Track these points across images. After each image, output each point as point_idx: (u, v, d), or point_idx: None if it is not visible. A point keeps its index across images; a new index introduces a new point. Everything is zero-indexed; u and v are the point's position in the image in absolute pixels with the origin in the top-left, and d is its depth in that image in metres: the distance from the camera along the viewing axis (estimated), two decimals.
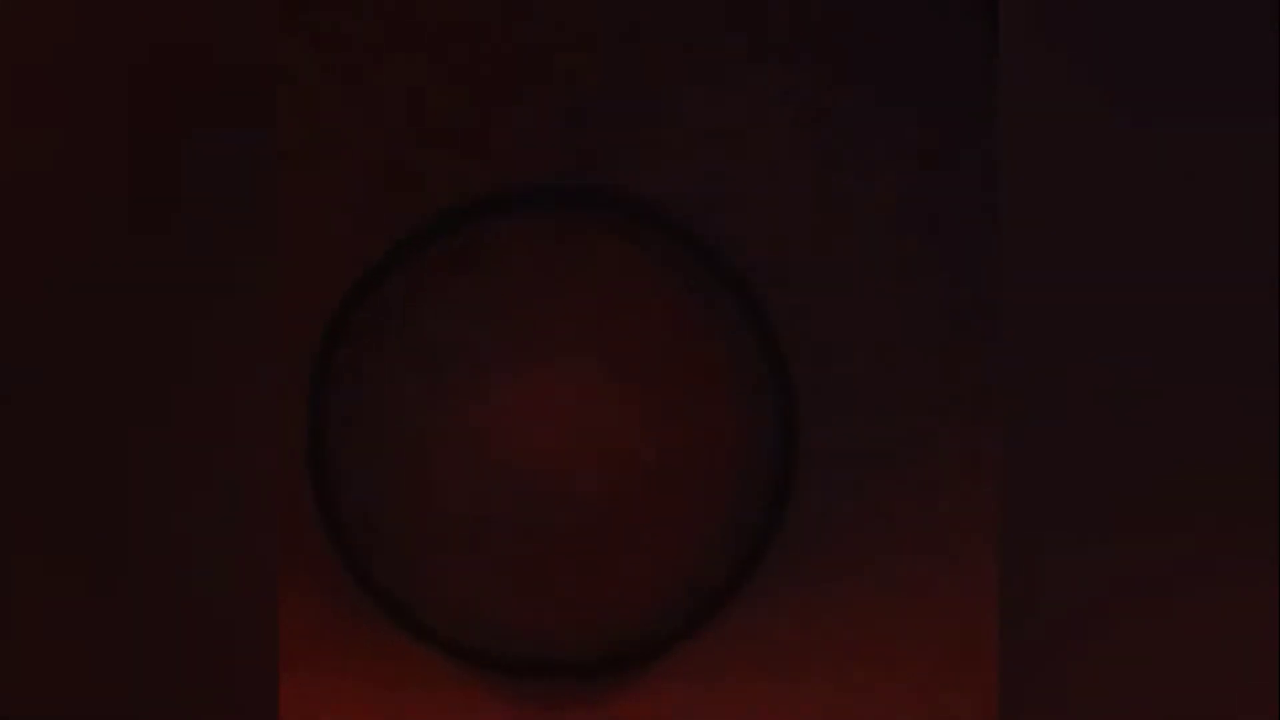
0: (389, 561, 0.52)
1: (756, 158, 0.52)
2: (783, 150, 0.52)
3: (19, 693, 0.42)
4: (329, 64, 0.52)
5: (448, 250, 0.53)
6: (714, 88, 0.52)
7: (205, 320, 0.42)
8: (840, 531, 0.52)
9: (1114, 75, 0.41)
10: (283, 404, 0.52)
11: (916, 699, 0.52)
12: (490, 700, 0.52)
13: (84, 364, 0.42)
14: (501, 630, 0.53)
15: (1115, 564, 0.41)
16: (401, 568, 0.53)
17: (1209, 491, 0.41)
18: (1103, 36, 0.41)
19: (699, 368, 0.53)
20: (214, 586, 0.42)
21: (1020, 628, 0.41)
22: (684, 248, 0.52)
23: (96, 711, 0.42)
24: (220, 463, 0.42)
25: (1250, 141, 0.41)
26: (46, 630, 0.42)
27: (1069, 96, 0.41)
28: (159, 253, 0.42)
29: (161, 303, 0.42)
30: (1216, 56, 0.41)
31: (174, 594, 0.42)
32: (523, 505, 0.52)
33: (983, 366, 0.52)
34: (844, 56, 0.52)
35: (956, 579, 0.52)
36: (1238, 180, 0.41)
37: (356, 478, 0.53)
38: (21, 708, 0.42)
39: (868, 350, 0.52)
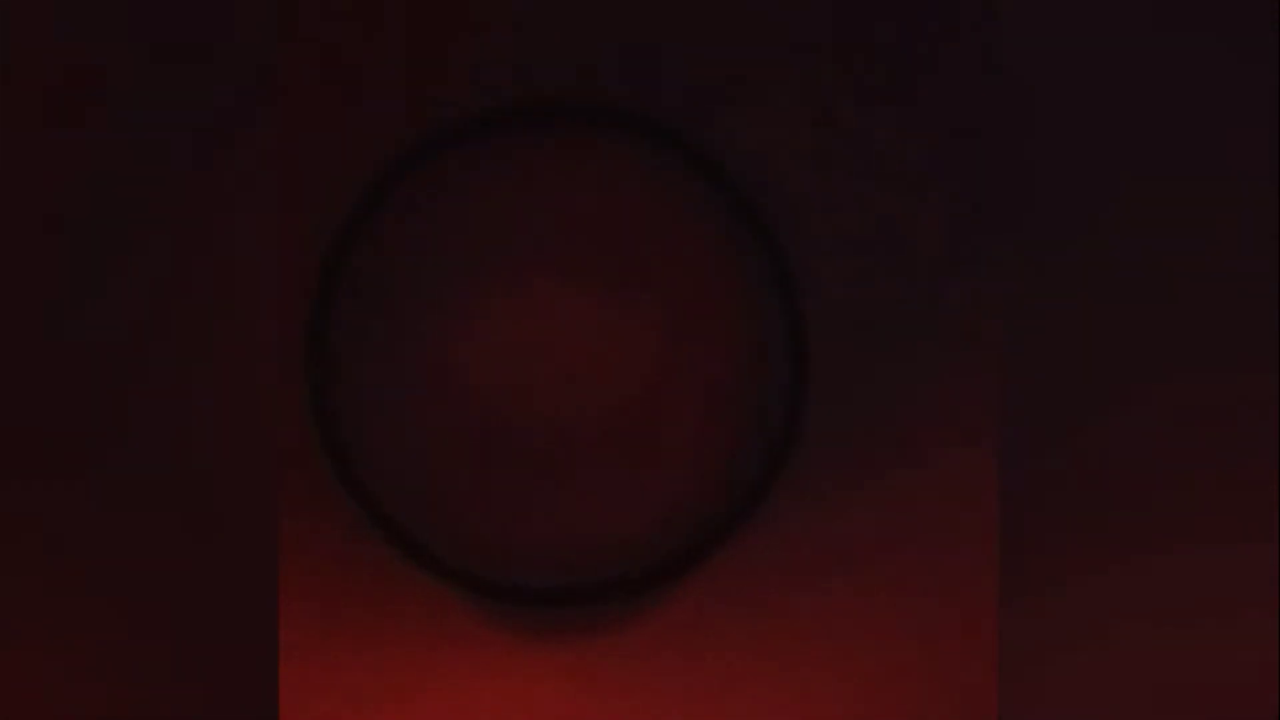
0: (395, 490, 0.52)
1: (764, 76, 0.52)
2: (791, 76, 0.52)
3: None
4: None
5: (449, 169, 0.52)
6: (731, 17, 0.51)
7: (202, 256, 0.42)
8: (851, 450, 0.52)
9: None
10: (285, 331, 0.52)
11: (927, 592, 0.52)
12: (504, 629, 0.52)
13: (83, 284, 0.42)
14: (512, 558, 0.52)
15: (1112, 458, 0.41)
16: (407, 496, 0.52)
17: (1209, 490, 0.41)
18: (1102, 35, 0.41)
19: (708, 286, 0.52)
20: (215, 510, 0.42)
21: (1020, 522, 0.41)
22: (694, 171, 0.52)
23: (96, 651, 0.42)
24: (222, 389, 0.42)
25: (1250, 142, 0.41)
26: (47, 541, 0.42)
27: None
28: (158, 179, 0.42)
29: (160, 235, 0.42)
30: (1216, 71, 0.40)
31: (177, 517, 0.42)
32: (531, 429, 0.52)
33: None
34: None
35: (961, 483, 0.52)
36: (1236, 180, 0.41)
37: (361, 405, 0.52)
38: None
39: (872, 264, 0.52)
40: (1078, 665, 0.41)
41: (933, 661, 0.51)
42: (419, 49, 0.51)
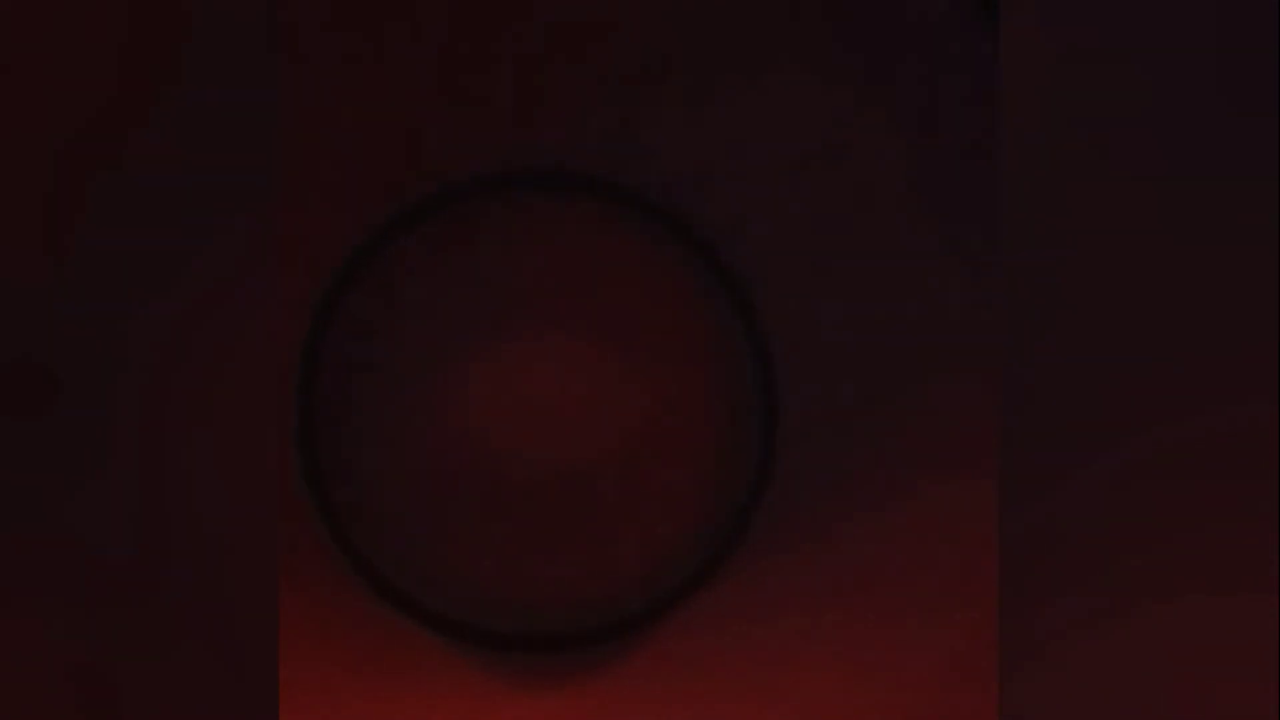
0: (382, 542, 0.52)
1: (734, 146, 0.52)
2: (771, 142, 0.52)
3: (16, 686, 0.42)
4: (328, 47, 0.52)
5: (435, 231, 0.53)
6: (698, 81, 0.52)
7: (200, 304, 0.42)
8: (824, 492, 0.52)
9: (1114, 81, 0.41)
10: (275, 387, 0.52)
11: (918, 626, 0.52)
12: (488, 676, 0.52)
13: (73, 351, 0.42)
14: (496, 605, 0.53)
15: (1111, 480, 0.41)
16: (394, 547, 0.53)
17: (1209, 489, 0.41)
18: (1101, 36, 0.41)
19: (681, 340, 0.53)
20: (215, 573, 0.42)
21: (1018, 553, 0.41)
22: (664, 228, 0.52)
23: (98, 698, 0.42)
24: (217, 447, 0.42)
25: (1250, 141, 0.41)
26: (40, 612, 0.42)
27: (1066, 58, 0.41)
28: (151, 239, 0.42)
29: (154, 288, 0.42)
30: (1216, 70, 0.41)
31: (173, 578, 0.42)
32: (513, 480, 0.53)
33: (977, 315, 0.52)
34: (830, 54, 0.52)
35: (953, 507, 0.52)
36: (1236, 179, 0.41)
37: (348, 458, 0.53)
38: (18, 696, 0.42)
39: (847, 313, 0.52)
40: (1077, 690, 0.41)
41: (927, 693, 0.51)
42: (401, 126, 0.52)
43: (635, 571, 0.53)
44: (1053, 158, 0.41)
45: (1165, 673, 0.41)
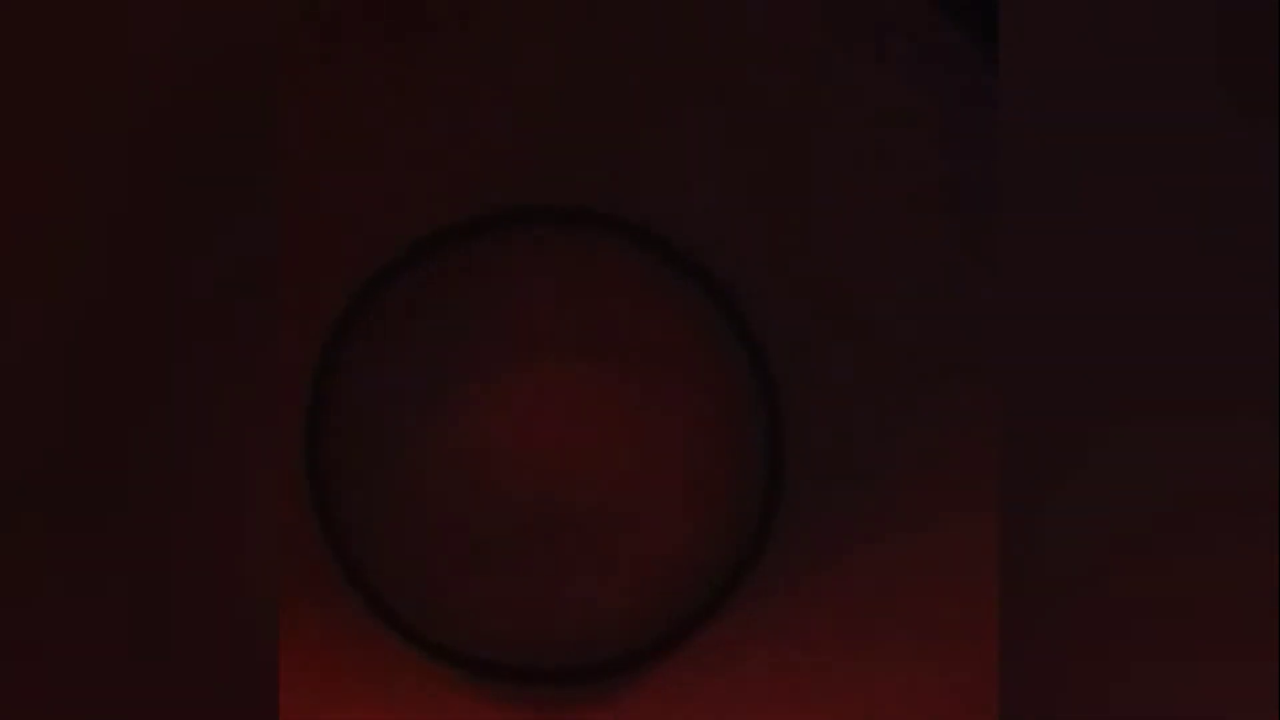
0: (387, 570, 0.52)
1: (742, 175, 0.52)
2: (768, 168, 0.52)
3: (19, 696, 0.42)
4: (336, 78, 0.52)
5: (445, 264, 0.53)
6: (702, 110, 0.52)
7: (206, 331, 0.42)
8: (834, 521, 0.52)
9: (1113, 74, 0.41)
10: (283, 414, 0.52)
11: (928, 660, 0.51)
12: (490, 708, 0.52)
13: (84, 369, 0.42)
14: (498, 637, 0.53)
15: (1109, 537, 0.41)
16: (399, 576, 0.52)
17: (1209, 490, 0.41)
18: (1101, 38, 0.41)
19: (688, 372, 0.53)
20: (215, 597, 0.42)
21: (1020, 584, 0.41)
22: (669, 263, 0.53)
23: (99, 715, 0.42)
24: (222, 473, 0.42)
25: (1249, 139, 0.41)
26: (46, 633, 0.42)
27: (1067, 78, 0.41)
28: (160, 258, 0.42)
29: (163, 313, 0.42)
30: (1216, 70, 0.41)
31: (175, 604, 0.42)
32: (520, 511, 0.52)
33: (977, 339, 0.52)
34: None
35: (955, 544, 0.52)
36: (1235, 179, 0.41)
37: (355, 487, 0.53)
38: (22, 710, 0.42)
39: (851, 343, 0.52)
40: (1082, 711, 0.41)
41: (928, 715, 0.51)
42: (399, 172, 0.52)
43: (640, 605, 0.53)
44: (1052, 157, 0.41)
45: (1167, 692, 0.40)
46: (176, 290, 0.42)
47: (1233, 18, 0.41)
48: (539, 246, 0.53)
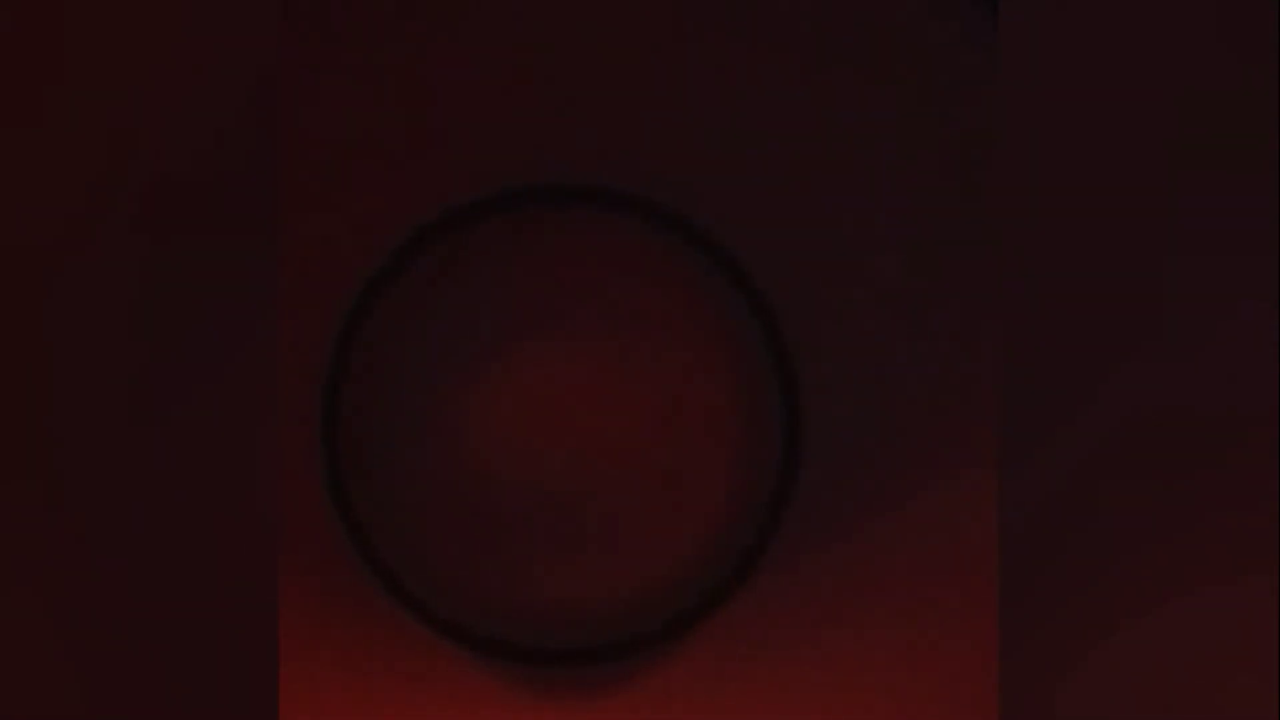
0: (396, 545, 0.52)
1: (754, 152, 0.52)
2: (780, 145, 0.52)
3: (18, 682, 0.42)
4: (337, 64, 0.52)
5: (459, 244, 0.53)
6: (713, 87, 0.52)
7: (216, 306, 0.42)
8: (849, 501, 0.52)
9: (1113, 79, 0.41)
10: (296, 391, 0.52)
11: (941, 638, 0.51)
12: (502, 688, 0.52)
13: (91, 351, 0.42)
14: (513, 616, 0.53)
15: (1111, 534, 0.41)
16: (409, 551, 0.53)
17: (1209, 490, 0.41)
18: (1101, 39, 0.41)
19: (703, 354, 0.53)
20: (215, 569, 0.42)
21: (1020, 575, 0.41)
22: (684, 240, 0.52)
23: (97, 696, 0.42)
24: (229, 452, 0.42)
25: (1249, 137, 0.41)
26: (45, 614, 0.42)
27: (1067, 83, 0.41)
28: (168, 241, 0.42)
29: (171, 288, 0.42)
30: (1214, 65, 0.41)
31: (176, 575, 0.42)
32: (532, 489, 0.52)
33: (985, 338, 0.52)
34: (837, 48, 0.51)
35: (960, 514, 0.52)
36: (1234, 180, 0.41)
37: (367, 462, 0.53)
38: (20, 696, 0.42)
39: (867, 326, 0.52)
40: (1081, 693, 0.41)
41: (933, 695, 0.51)
42: (415, 146, 0.52)
43: (655, 585, 0.53)
44: (1052, 158, 0.41)
45: (1166, 678, 0.40)
46: (183, 275, 0.42)
47: (1234, 10, 0.40)
48: (553, 225, 0.53)
